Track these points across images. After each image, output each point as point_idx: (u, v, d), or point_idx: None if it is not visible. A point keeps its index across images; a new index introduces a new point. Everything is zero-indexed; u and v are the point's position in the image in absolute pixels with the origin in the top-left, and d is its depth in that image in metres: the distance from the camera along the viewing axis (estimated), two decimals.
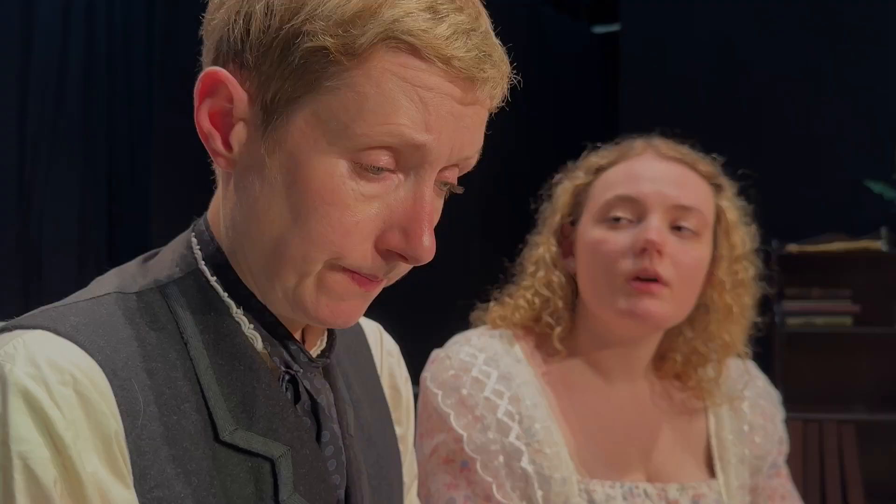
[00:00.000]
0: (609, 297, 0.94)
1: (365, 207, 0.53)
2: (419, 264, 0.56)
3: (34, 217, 4.72)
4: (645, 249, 0.91)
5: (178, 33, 4.63)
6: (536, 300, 1.01)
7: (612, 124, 4.56)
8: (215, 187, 0.61)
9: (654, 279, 0.92)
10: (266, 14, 0.52)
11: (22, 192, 4.70)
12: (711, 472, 1.00)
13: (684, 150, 1.00)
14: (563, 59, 4.45)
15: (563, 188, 1.03)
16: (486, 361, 0.95)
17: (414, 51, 0.51)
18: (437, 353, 0.99)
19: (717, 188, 1.00)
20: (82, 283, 0.60)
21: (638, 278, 0.92)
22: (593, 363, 0.99)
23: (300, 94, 0.52)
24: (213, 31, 0.56)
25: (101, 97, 4.89)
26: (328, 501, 0.59)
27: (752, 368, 1.08)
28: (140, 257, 0.62)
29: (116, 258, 0.63)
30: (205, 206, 0.63)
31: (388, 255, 0.55)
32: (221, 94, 0.54)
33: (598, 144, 1.06)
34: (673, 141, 1.02)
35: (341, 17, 0.51)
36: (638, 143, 1.01)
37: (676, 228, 0.94)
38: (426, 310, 2.99)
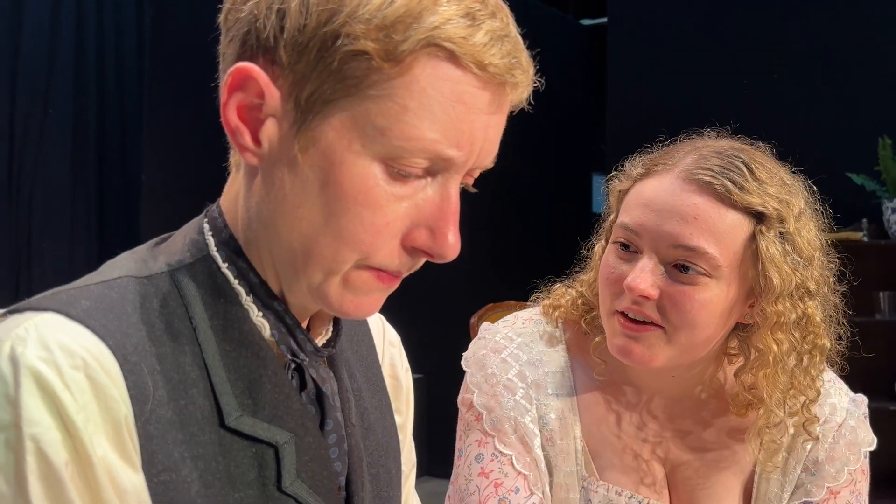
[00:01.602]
0: (607, 327, 0.90)
1: (396, 207, 0.54)
2: (444, 261, 0.57)
3: (23, 205, 4.68)
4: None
5: (169, 19, 4.59)
6: (580, 301, 0.97)
7: (599, 117, 4.58)
8: (227, 174, 0.61)
9: (645, 321, 0.85)
10: (301, 12, 0.52)
11: (11, 180, 4.65)
12: None
13: (723, 169, 0.85)
14: (551, 52, 4.46)
15: (611, 189, 0.95)
16: (520, 346, 0.95)
17: (452, 58, 0.52)
18: (483, 329, 1.00)
19: (759, 218, 0.85)
20: (73, 271, 0.60)
21: (627, 315, 0.86)
22: (633, 378, 0.94)
23: (338, 97, 0.52)
24: (239, 22, 0.55)
25: (90, 84, 4.85)
26: (329, 488, 0.60)
27: (847, 402, 0.95)
28: (151, 241, 0.62)
29: (107, 246, 0.63)
30: (195, 194, 0.63)
31: (413, 251, 0.56)
32: (251, 90, 0.54)
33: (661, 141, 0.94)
34: (731, 142, 0.90)
35: (382, 22, 0.51)
36: (676, 154, 0.90)
37: (681, 267, 0.84)
38: (416, 299, 3.00)
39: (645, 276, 0.84)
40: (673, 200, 0.85)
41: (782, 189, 0.87)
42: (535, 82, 0.57)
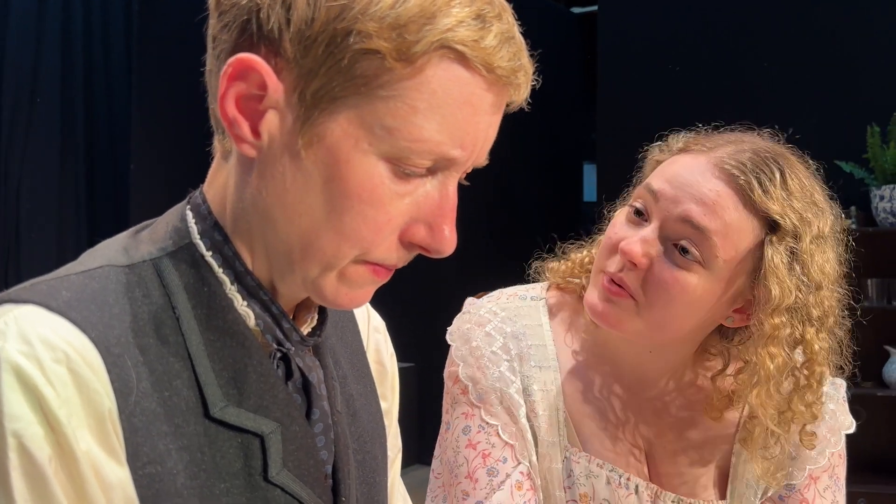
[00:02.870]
0: (592, 281, 0.91)
1: (398, 204, 0.54)
2: (441, 256, 0.57)
3: (11, 195, 4.64)
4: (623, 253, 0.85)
5: (158, 5, 4.54)
6: (587, 259, 0.97)
7: (589, 105, 4.58)
8: (211, 159, 0.61)
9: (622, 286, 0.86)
10: (309, 4, 0.51)
11: None
12: (724, 494, 0.95)
13: (755, 167, 0.84)
14: (542, 40, 4.45)
15: (649, 158, 0.95)
16: (504, 320, 0.96)
17: (463, 60, 0.52)
18: (467, 304, 1.01)
19: (773, 227, 0.83)
20: (62, 262, 0.59)
21: (612, 278, 0.87)
22: (613, 351, 0.95)
23: (347, 95, 0.52)
24: (237, 9, 0.53)
25: (78, 73, 4.80)
26: (316, 477, 0.60)
27: (827, 386, 0.92)
28: (132, 229, 0.61)
29: (96, 236, 0.62)
30: (185, 183, 0.63)
31: (410, 246, 0.57)
32: (252, 81, 0.53)
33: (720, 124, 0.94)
34: (773, 143, 0.89)
35: (396, 21, 0.50)
36: (717, 139, 0.89)
37: (681, 249, 0.84)
38: (407, 288, 3.00)
39: (641, 244, 0.85)
40: (697, 180, 0.85)
41: (809, 208, 0.85)
42: (533, 81, 0.57)
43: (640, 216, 0.88)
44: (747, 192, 0.83)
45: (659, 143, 0.96)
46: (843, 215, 0.91)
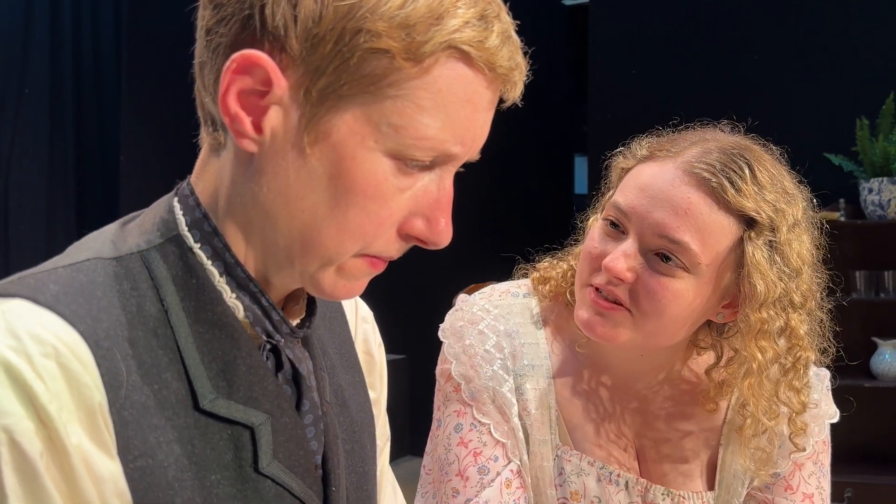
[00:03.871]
0: (578, 297, 0.91)
1: (399, 199, 0.56)
2: (437, 248, 0.58)
3: None
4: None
5: None
6: (570, 274, 0.97)
7: (581, 98, 4.58)
8: (199, 150, 0.60)
9: (616, 301, 0.86)
10: (316, 1, 0.51)
11: None
12: (712, 484, 0.96)
13: (724, 167, 0.84)
14: (533, 32, 4.44)
15: (614, 165, 0.95)
16: (497, 317, 0.97)
17: (467, 59, 0.53)
18: (459, 300, 1.01)
19: (749, 223, 0.84)
20: (51, 253, 0.59)
21: (599, 291, 0.87)
22: (604, 353, 0.95)
23: (355, 93, 0.52)
24: (237, 2, 0.53)
25: (66, 63, 4.76)
26: (306, 468, 0.61)
27: (811, 376, 0.92)
28: (119, 221, 0.61)
29: (86, 229, 0.61)
30: (175, 175, 0.62)
31: (407, 238, 0.58)
32: (256, 77, 0.53)
33: (675, 122, 0.94)
34: (739, 139, 0.89)
35: (405, 21, 0.51)
36: (682, 142, 0.89)
37: (662, 256, 0.85)
38: (399, 280, 3.00)
39: (623, 259, 0.85)
40: (668, 190, 0.85)
41: (781, 197, 0.85)
42: (525, 77, 0.58)
43: (617, 228, 0.88)
44: (720, 193, 0.83)
45: (622, 149, 0.95)
46: (813, 199, 0.91)
